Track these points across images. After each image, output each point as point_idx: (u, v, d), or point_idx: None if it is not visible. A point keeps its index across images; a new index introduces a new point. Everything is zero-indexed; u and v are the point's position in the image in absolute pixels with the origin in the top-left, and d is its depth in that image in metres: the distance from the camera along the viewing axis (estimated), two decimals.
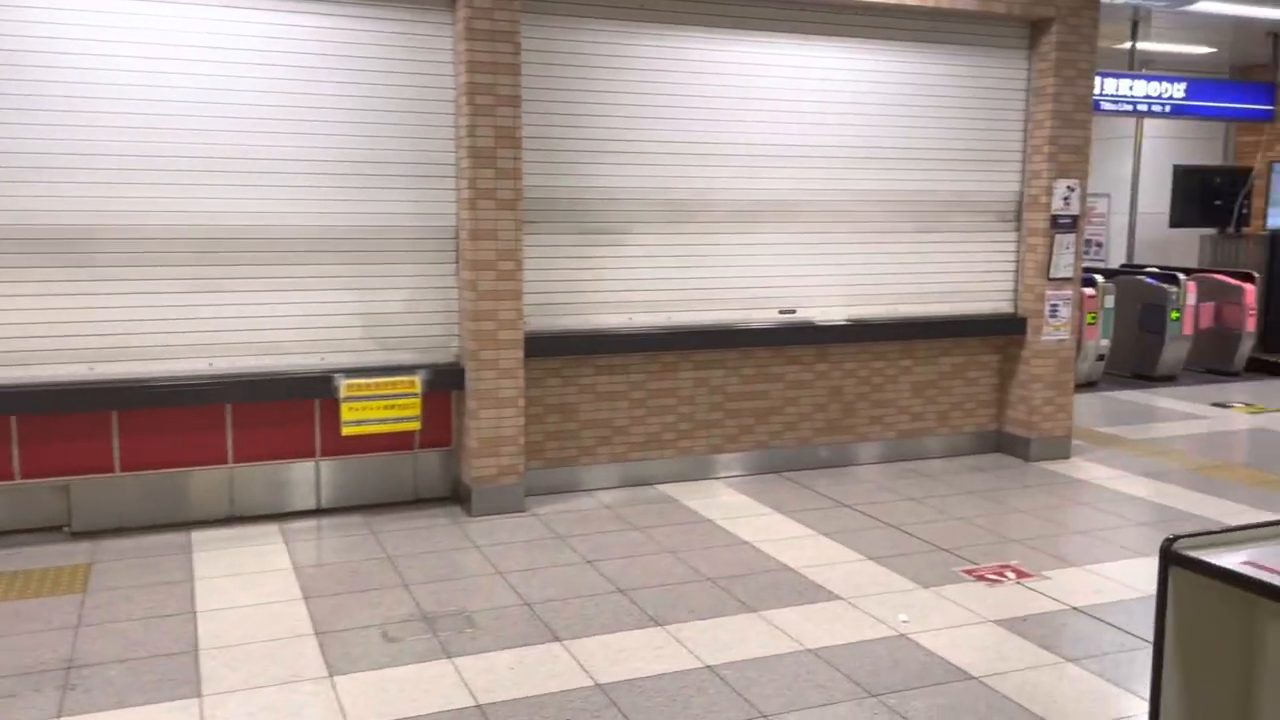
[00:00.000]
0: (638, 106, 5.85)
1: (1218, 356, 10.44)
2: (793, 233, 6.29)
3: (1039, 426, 6.83)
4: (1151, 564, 4.91)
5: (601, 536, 5.24)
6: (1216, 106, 10.92)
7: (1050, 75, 6.58)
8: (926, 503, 5.87)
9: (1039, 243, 6.72)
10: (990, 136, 6.69)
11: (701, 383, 6.27)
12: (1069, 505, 5.89)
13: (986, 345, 6.96)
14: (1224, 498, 5.97)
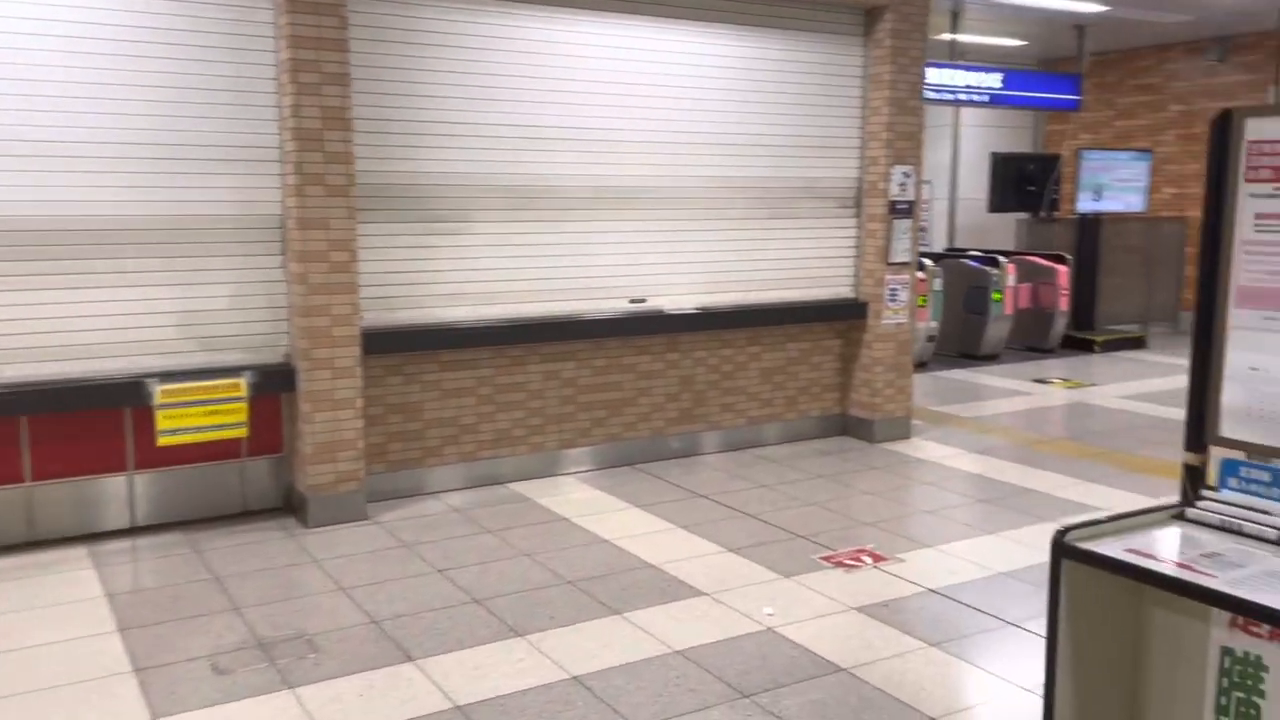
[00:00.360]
0: (478, 88, 5.57)
1: (1035, 335, 11.00)
2: (641, 220, 6.15)
3: (881, 408, 6.96)
4: (997, 541, 5.07)
5: (452, 542, 4.97)
6: (1029, 96, 11.47)
7: (886, 63, 6.68)
8: (780, 489, 5.86)
9: (878, 228, 6.82)
10: (830, 123, 6.74)
11: (552, 376, 6.06)
12: (914, 485, 6.01)
13: (830, 330, 7.04)
14: (1053, 471, 6.22)
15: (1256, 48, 12.08)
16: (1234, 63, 12.33)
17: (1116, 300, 11.97)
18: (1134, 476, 6.12)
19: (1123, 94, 13.59)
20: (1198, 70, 12.73)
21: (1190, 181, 12.85)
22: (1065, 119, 14.21)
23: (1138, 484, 5.96)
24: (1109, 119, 13.75)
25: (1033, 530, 5.15)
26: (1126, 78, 13.53)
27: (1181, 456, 2.50)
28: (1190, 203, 12.83)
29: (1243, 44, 12.21)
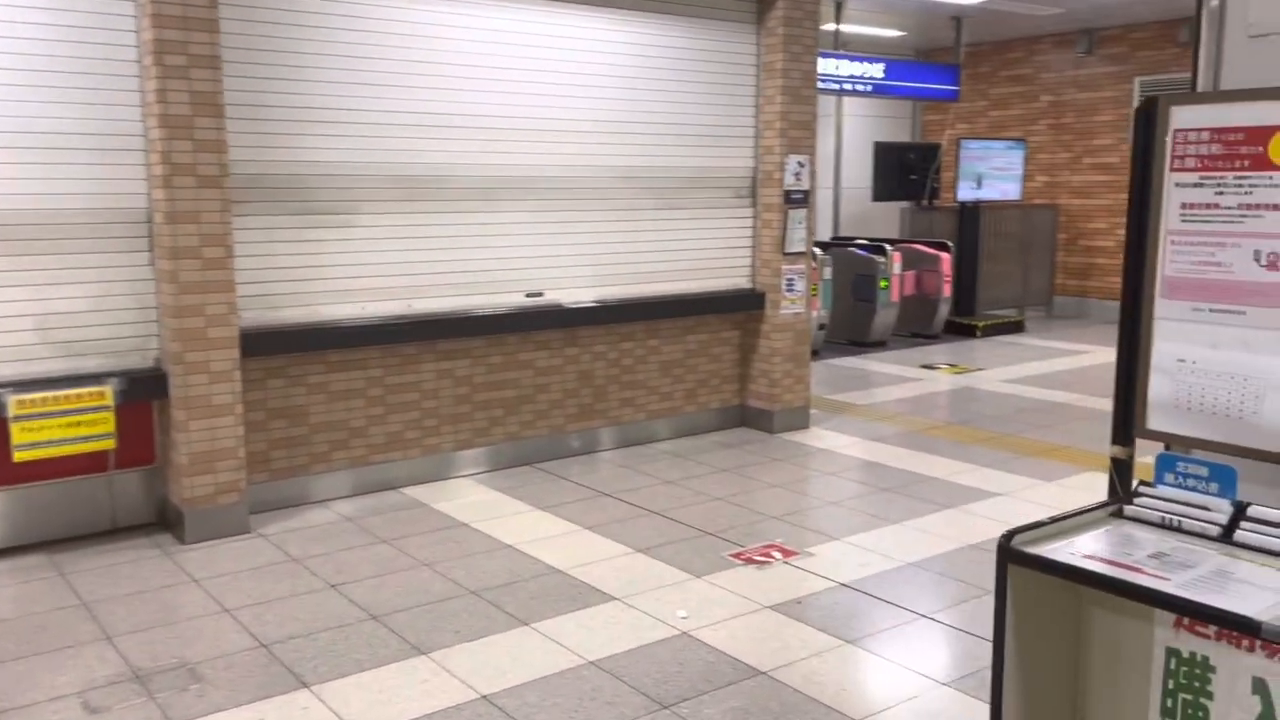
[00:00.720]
0: (364, 72, 5.27)
1: (920, 321, 11.21)
2: (538, 211, 5.95)
3: (780, 399, 6.94)
4: (902, 531, 5.08)
5: (345, 554, 4.70)
6: (911, 86, 11.68)
7: (779, 51, 6.63)
8: (684, 485, 5.76)
9: (774, 218, 6.78)
10: (725, 112, 6.66)
11: (446, 374, 5.81)
12: (817, 476, 5.99)
13: (728, 321, 6.97)
14: (949, 457, 6.30)
15: (1121, 40, 12.58)
16: (1100, 55, 12.81)
17: (995, 286, 12.31)
18: (1026, 460, 6.24)
19: (996, 85, 13.99)
20: (1066, 62, 13.18)
21: (1061, 170, 13.32)
22: (942, 109, 14.54)
23: (1031, 468, 6.07)
24: (983, 109, 14.14)
25: (935, 518, 5.17)
26: (999, 69, 13.92)
27: (1107, 449, 2.47)
28: (1061, 190, 13.30)
29: (1108, 37, 12.69)
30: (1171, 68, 12.11)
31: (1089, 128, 13.02)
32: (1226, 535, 2.00)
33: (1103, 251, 13.00)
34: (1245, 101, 2.18)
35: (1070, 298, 13.32)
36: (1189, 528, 2.06)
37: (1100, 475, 5.87)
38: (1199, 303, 2.28)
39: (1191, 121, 2.27)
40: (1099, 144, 12.93)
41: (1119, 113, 12.67)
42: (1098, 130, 12.92)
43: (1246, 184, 2.18)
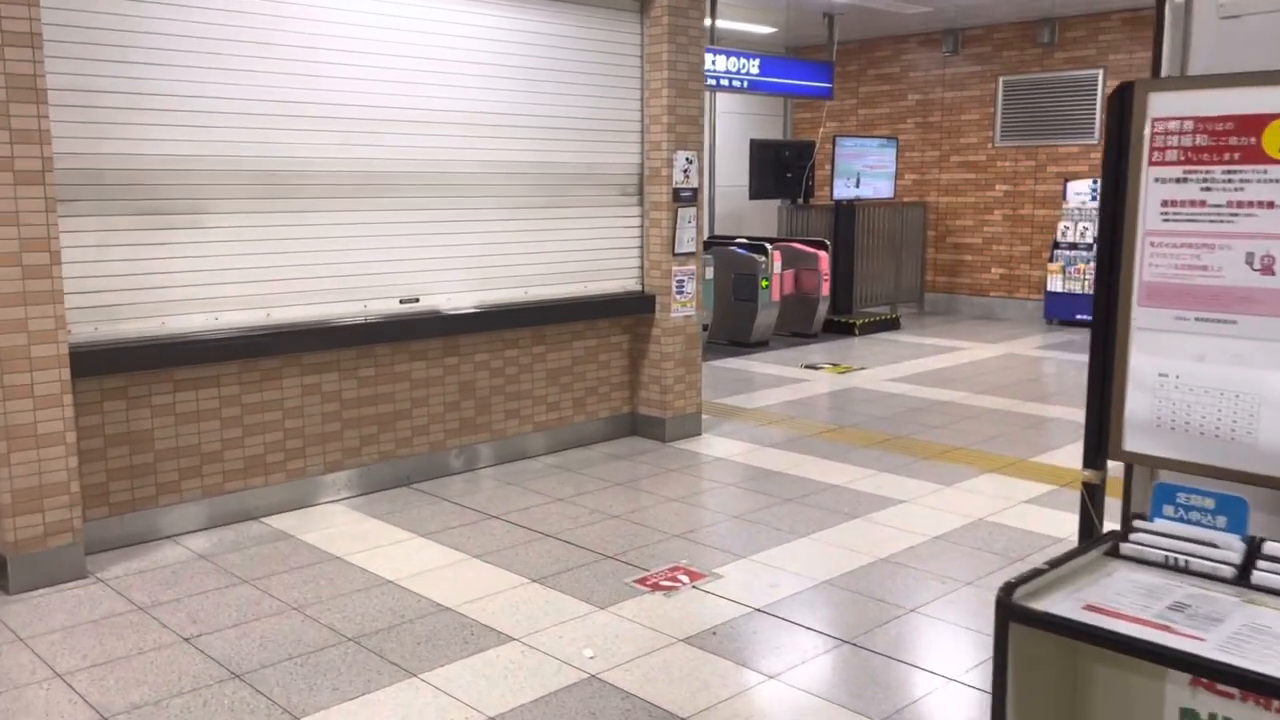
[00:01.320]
0: (213, 54, 4.70)
1: (800, 320, 11.13)
2: (412, 209, 5.47)
3: (672, 405, 6.64)
4: (811, 546, 4.83)
5: (200, 600, 4.15)
6: (786, 83, 11.58)
7: (664, 41, 6.32)
8: (578, 502, 5.40)
9: (662, 217, 6.47)
10: (611, 105, 6.32)
11: (312, 390, 5.28)
12: (715, 487, 5.72)
13: (617, 326, 6.64)
14: (846, 461, 6.13)
15: (985, 40, 12.82)
16: (966, 54, 13.03)
17: (870, 284, 12.38)
18: (923, 464, 6.12)
19: (865, 83, 14.10)
20: (933, 62, 13.37)
21: (929, 168, 13.51)
22: (813, 107, 14.58)
23: (928, 471, 5.95)
24: (853, 107, 14.24)
25: (842, 531, 4.96)
26: (867, 67, 14.03)
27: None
28: (930, 188, 13.49)
29: (973, 37, 12.92)
30: (1033, 67, 12.41)
31: (956, 126, 13.24)
32: (1243, 577, 1.77)
33: (971, 248, 13.24)
34: (1235, 87, 1.96)
35: (940, 294, 13.53)
36: (1198, 568, 1.82)
37: (999, 478, 5.83)
38: (1183, 311, 2.06)
39: (1173, 110, 2.04)
40: (966, 142, 13.16)
41: (985, 111, 12.92)
42: (964, 129, 13.15)
43: (1237, 179, 1.96)
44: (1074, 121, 12.16)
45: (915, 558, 4.58)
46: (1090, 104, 12.00)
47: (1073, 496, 5.50)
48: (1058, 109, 12.28)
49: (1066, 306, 11.93)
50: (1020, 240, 12.77)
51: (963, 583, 4.30)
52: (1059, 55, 12.22)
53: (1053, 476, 5.82)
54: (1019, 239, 12.79)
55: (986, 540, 4.81)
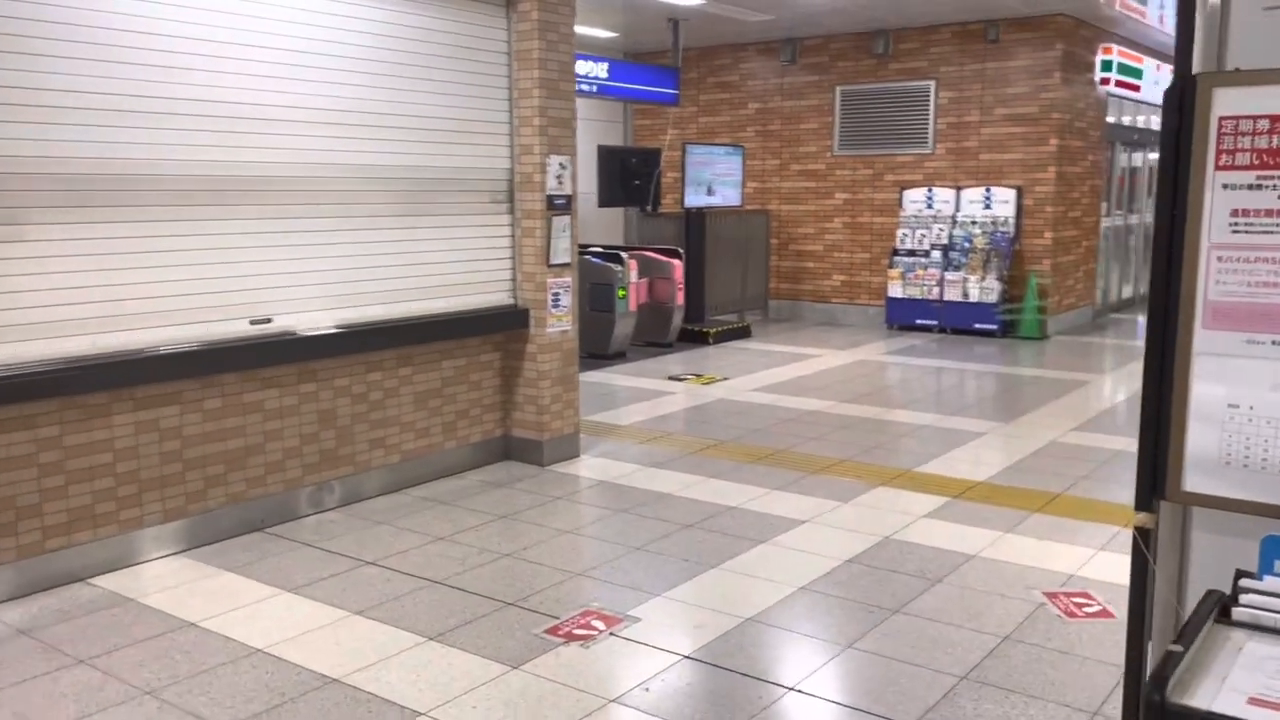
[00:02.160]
0: (21, 38, 3.95)
1: (655, 330, 10.89)
2: (261, 219, 4.84)
3: (549, 426, 6.22)
4: (725, 578, 4.43)
5: (20, 691, 3.43)
6: (634, 89, 11.34)
7: (534, 38, 5.90)
8: (461, 540, 4.90)
9: (536, 226, 6.04)
10: (478, 105, 5.84)
11: (148, 427, 4.56)
12: (609, 516, 5.33)
13: (489, 343, 6.15)
14: (738, 480, 5.87)
15: (822, 50, 12.98)
16: (803, 64, 13.16)
17: (719, 292, 12.29)
18: (812, 479, 5.93)
19: (705, 91, 14.05)
20: (771, 70, 13.45)
21: (770, 176, 13.58)
22: (652, 113, 14.43)
23: (819, 487, 5.77)
24: (694, 115, 14.16)
25: (751, 558, 4.67)
26: (707, 75, 13.99)
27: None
28: (771, 196, 13.56)
29: (810, 46, 13.06)
30: (869, 77, 12.65)
31: (795, 135, 13.35)
32: None
33: (813, 256, 13.38)
34: None
35: (785, 301, 13.62)
36: None
37: (892, 492, 5.70)
38: (1257, 334, 1.84)
39: (1244, 107, 1.81)
40: (805, 151, 13.29)
41: (823, 120, 13.09)
42: (804, 137, 13.28)
43: None
44: (909, 131, 12.46)
45: (836, 585, 4.34)
46: (924, 114, 12.32)
47: (969, 508, 5.46)
48: (893, 119, 12.56)
49: (907, 312, 12.19)
50: (860, 247, 13.00)
51: (890, 610, 4.09)
52: (893, 66, 12.50)
53: (942, 487, 5.75)
54: (859, 246, 13.01)
55: (899, 560, 4.63)
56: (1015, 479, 5.95)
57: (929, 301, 12.02)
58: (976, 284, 11.72)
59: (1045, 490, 5.71)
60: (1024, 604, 4.15)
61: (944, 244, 12.03)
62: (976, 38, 11.88)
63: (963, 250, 11.89)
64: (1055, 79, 11.44)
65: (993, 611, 4.07)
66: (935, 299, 11.98)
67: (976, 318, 11.72)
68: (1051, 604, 4.14)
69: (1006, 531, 5.02)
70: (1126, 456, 6.43)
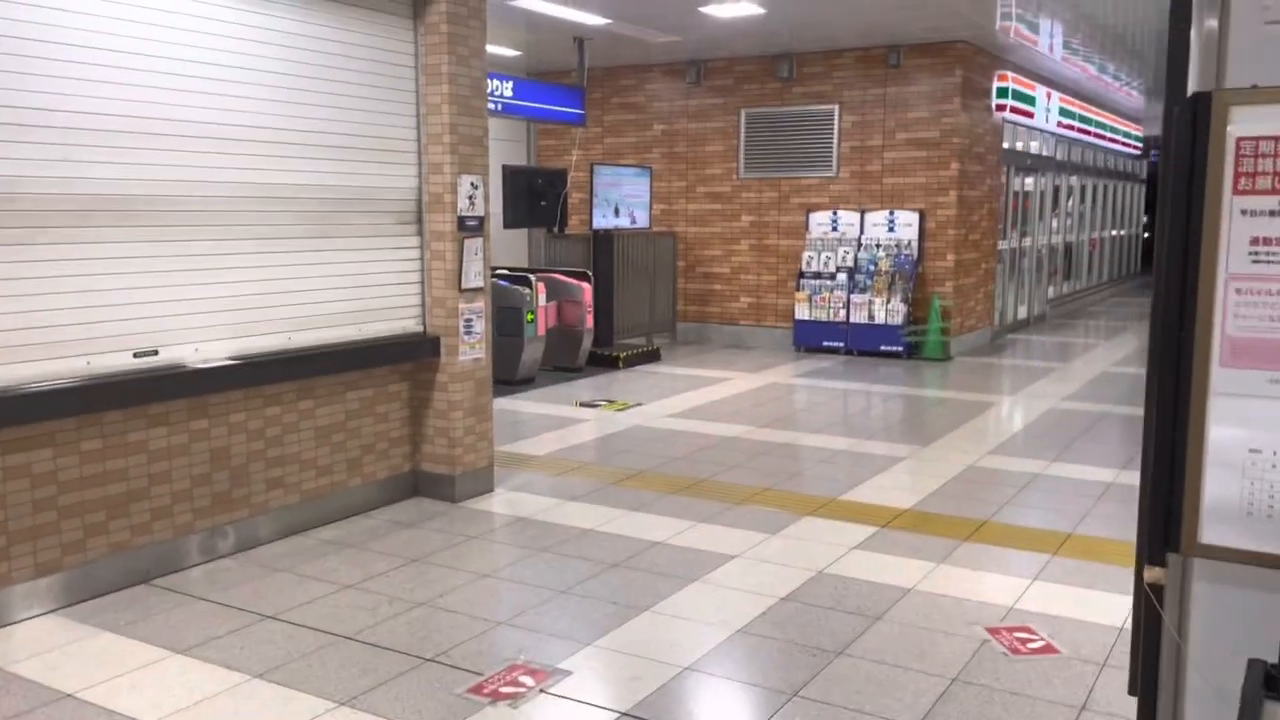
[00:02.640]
0: None
1: (564, 355, 10.63)
2: (147, 242, 4.42)
3: (462, 460, 5.89)
4: (658, 621, 4.17)
5: None
6: (539, 108, 11.10)
7: (443, 52, 5.61)
8: (370, 588, 4.54)
9: (446, 249, 5.73)
10: (383, 121, 5.51)
11: (17, 473, 4.09)
12: (529, 556, 5.03)
13: (396, 373, 5.80)
14: (660, 513, 5.65)
15: (727, 72, 12.96)
16: (708, 86, 13.12)
17: (628, 314, 12.09)
18: (737, 510, 5.75)
19: (609, 111, 13.89)
20: (676, 92, 13.37)
21: (677, 198, 13.48)
22: (555, 133, 14.21)
23: (746, 518, 5.58)
24: (599, 135, 13.98)
25: (686, 598, 4.45)
26: (613, 95, 13.84)
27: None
28: (678, 218, 13.46)
29: (715, 69, 13.03)
30: (774, 100, 12.67)
31: (701, 157, 13.29)
32: None
33: (720, 278, 13.31)
34: None
35: (692, 324, 13.51)
36: None
37: (820, 522, 5.54)
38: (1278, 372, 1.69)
39: (1264, 127, 1.68)
40: (711, 173, 13.24)
41: (729, 143, 13.06)
42: (710, 159, 13.23)
43: None
44: (814, 154, 12.51)
45: (774, 626, 4.14)
46: (828, 138, 12.39)
47: (898, 538, 5.34)
48: (798, 142, 12.60)
49: (814, 334, 12.20)
50: (767, 270, 12.98)
51: (833, 652, 3.90)
52: (798, 90, 12.55)
53: (869, 516, 5.63)
54: (766, 268, 12.99)
55: (838, 597, 4.46)
56: (940, 506, 5.88)
57: (836, 324, 12.05)
58: (882, 306, 11.80)
59: (971, 517, 5.64)
60: (967, 641, 4.02)
61: (850, 266, 12.09)
62: (879, 63, 12.02)
63: (868, 273, 11.97)
64: (955, 104, 11.64)
65: (938, 650, 3.93)
66: (842, 321, 12.01)
67: (882, 340, 11.79)
68: (995, 640, 4.02)
69: (939, 562, 4.91)
70: (1044, 480, 6.43)
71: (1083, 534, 5.35)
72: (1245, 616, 1.78)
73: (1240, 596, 1.79)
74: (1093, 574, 4.77)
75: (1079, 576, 4.74)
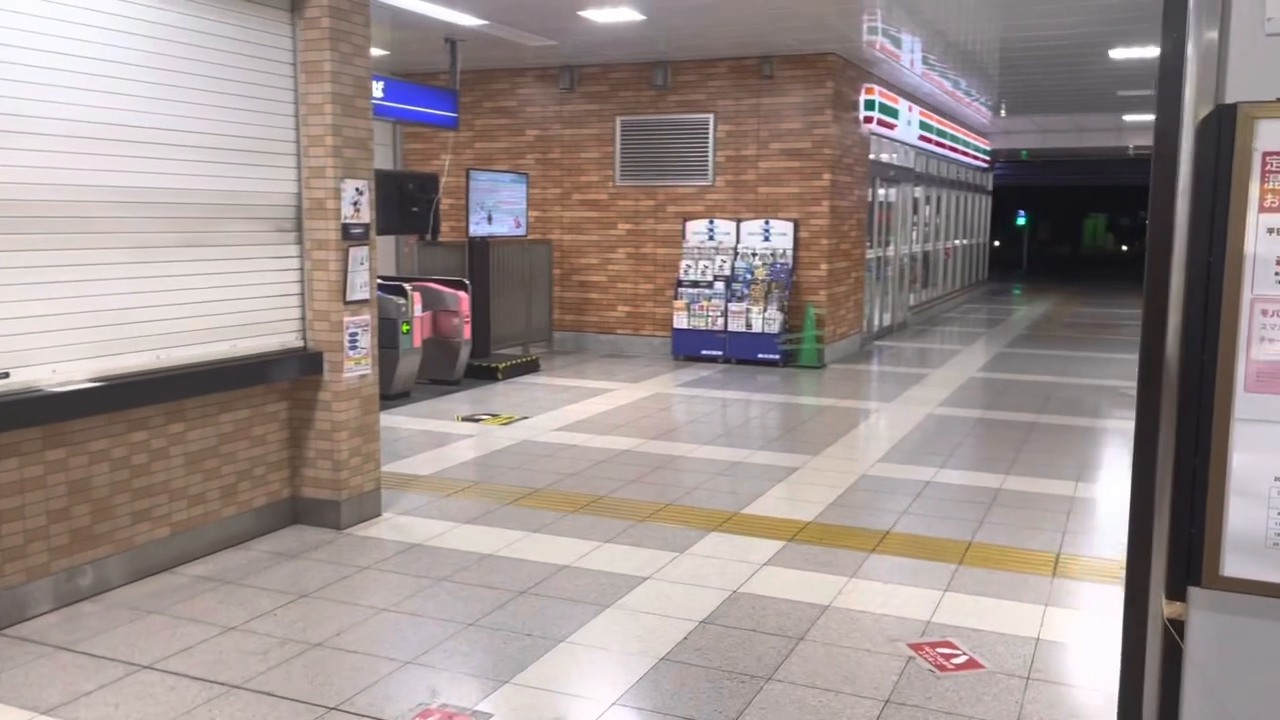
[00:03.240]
0: None
1: (441, 367, 10.25)
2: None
3: (348, 484, 5.52)
4: (577, 654, 3.96)
5: None
6: (411, 109, 10.67)
7: (324, 48, 5.25)
8: (257, 630, 4.16)
9: (329, 258, 5.36)
10: (259, 122, 5.11)
11: None
12: (430, 586, 4.72)
13: (275, 392, 5.39)
14: (564, 534, 5.43)
15: (602, 79, 12.83)
16: (582, 92, 12.96)
17: (504, 324, 11.79)
18: (641, 527, 5.58)
19: (481, 115, 13.56)
20: (550, 97, 13.16)
21: (552, 205, 13.25)
22: (423, 137, 13.78)
23: (651, 536, 5.42)
24: (469, 140, 13.63)
25: (602, 626, 4.24)
26: (484, 99, 13.52)
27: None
28: (553, 226, 13.24)
29: (589, 75, 12.88)
30: (649, 109, 12.61)
31: (577, 164, 13.11)
32: None
33: (596, 286, 13.15)
34: None
35: (569, 333, 13.30)
36: None
37: (726, 538, 5.43)
38: None
39: None
40: (587, 180, 13.07)
41: (604, 150, 12.92)
42: (585, 166, 13.06)
43: None
44: (690, 163, 12.50)
45: (698, 652, 3.99)
46: (703, 147, 12.40)
47: (807, 552, 5.26)
48: (674, 151, 12.57)
49: (692, 343, 12.18)
50: (644, 278, 12.89)
51: (762, 678, 3.77)
52: (673, 99, 12.52)
53: (774, 530, 5.56)
54: (643, 277, 12.90)
55: (757, 619, 4.34)
56: (841, 517, 5.86)
57: (714, 332, 12.06)
58: (759, 314, 11.87)
59: (874, 528, 5.63)
60: (892, 659, 3.95)
61: (727, 275, 12.12)
62: (752, 73, 12.10)
63: (745, 281, 12.03)
64: (827, 116, 11.82)
65: (865, 671, 3.85)
66: (720, 330, 12.03)
67: (760, 348, 11.86)
68: (920, 657, 3.97)
69: (850, 576, 4.86)
70: (936, 488, 6.51)
71: (983, 542, 5.41)
72: (1268, 652, 1.71)
73: (1262, 629, 1.72)
74: (1000, 584, 4.80)
75: (988, 586, 4.76)
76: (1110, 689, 3.68)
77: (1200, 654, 1.73)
